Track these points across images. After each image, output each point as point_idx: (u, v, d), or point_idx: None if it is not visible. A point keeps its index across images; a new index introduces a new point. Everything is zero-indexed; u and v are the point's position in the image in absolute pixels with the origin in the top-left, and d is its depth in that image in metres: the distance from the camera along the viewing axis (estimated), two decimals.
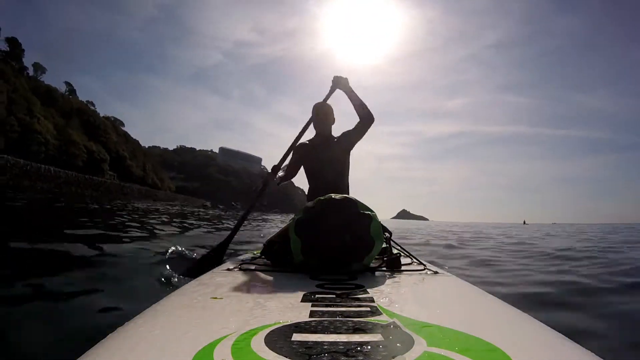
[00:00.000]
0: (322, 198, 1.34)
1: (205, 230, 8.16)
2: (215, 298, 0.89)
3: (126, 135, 62.23)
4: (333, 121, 2.23)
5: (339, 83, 2.19)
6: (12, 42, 47.20)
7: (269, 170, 2.26)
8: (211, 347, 0.56)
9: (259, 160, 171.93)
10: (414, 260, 1.55)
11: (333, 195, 1.34)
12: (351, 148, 2.22)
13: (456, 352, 0.55)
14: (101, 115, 56.79)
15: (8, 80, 36.28)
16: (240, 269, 1.34)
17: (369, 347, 0.56)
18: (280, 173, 2.25)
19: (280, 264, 1.41)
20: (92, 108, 56.72)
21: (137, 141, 66.95)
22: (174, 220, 10.26)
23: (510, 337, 0.66)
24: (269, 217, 22.12)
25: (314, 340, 0.59)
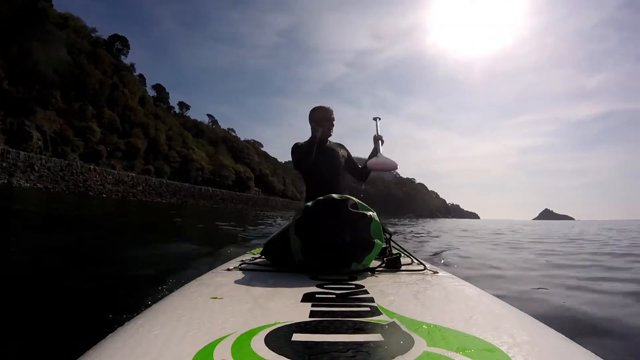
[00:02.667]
0: (322, 198, 1.34)
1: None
2: (215, 298, 0.89)
3: (266, 154, 72.08)
4: (332, 126, 2.24)
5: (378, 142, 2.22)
6: (158, 87, 56.51)
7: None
8: (211, 347, 0.56)
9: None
10: (414, 260, 1.55)
11: (333, 195, 1.34)
12: (344, 166, 2.28)
13: (456, 352, 0.55)
14: (242, 139, 66.52)
15: (164, 120, 46.69)
16: (240, 269, 1.34)
17: (369, 347, 0.56)
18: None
19: (280, 264, 1.41)
20: (234, 134, 67.06)
21: (275, 158, 76.43)
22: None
23: (510, 337, 0.66)
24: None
25: (314, 340, 0.59)
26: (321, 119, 2.19)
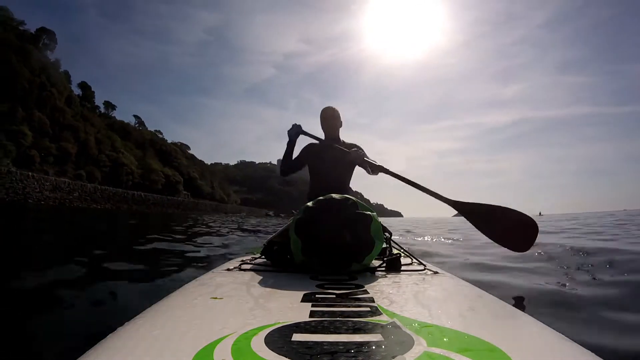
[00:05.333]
0: (322, 198, 1.34)
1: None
2: (215, 298, 0.89)
3: (193, 157, 70.82)
4: (340, 124, 2.30)
5: (356, 159, 2.12)
6: (83, 86, 53.74)
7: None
8: (211, 347, 0.56)
9: None
10: (414, 260, 1.55)
11: (333, 195, 1.34)
12: (354, 166, 2.27)
13: (456, 352, 0.54)
14: (169, 141, 65.13)
15: (93, 122, 44.96)
16: (240, 269, 1.34)
17: (369, 347, 0.56)
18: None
19: (280, 264, 1.41)
20: (161, 136, 65.15)
21: (203, 161, 75.26)
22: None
23: (510, 337, 0.66)
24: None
25: (314, 340, 0.59)
26: (323, 118, 2.25)
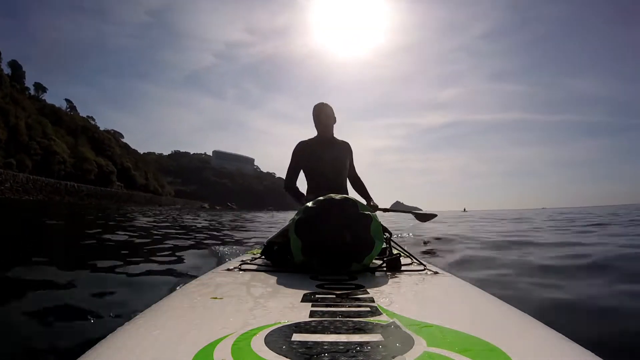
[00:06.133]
0: (322, 198, 1.34)
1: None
2: (215, 298, 0.89)
3: (127, 146, 66.36)
4: (334, 121, 2.22)
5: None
6: (13, 65, 49.14)
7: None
8: (211, 347, 0.56)
9: (252, 161, 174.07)
10: (414, 260, 1.55)
11: (333, 196, 1.34)
12: (348, 165, 2.27)
13: (456, 352, 0.54)
14: (102, 128, 60.76)
15: (23, 106, 41.16)
16: (240, 269, 1.34)
17: (369, 347, 0.56)
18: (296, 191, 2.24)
19: (280, 264, 1.41)
20: (93, 122, 60.64)
21: (136, 150, 70.81)
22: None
23: (510, 337, 0.66)
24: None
25: (314, 340, 0.59)
26: (317, 115, 2.17)
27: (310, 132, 2.26)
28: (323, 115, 2.16)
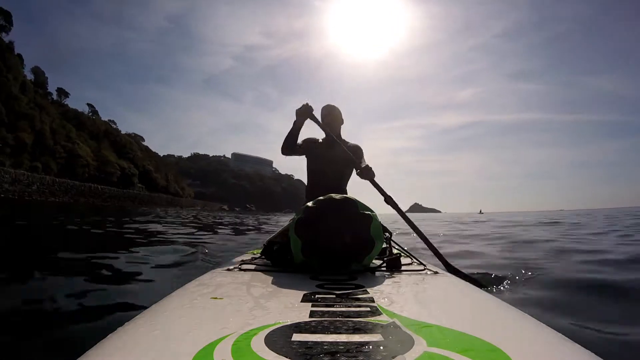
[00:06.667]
0: (322, 198, 1.34)
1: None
2: (215, 298, 0.89)
3: (147, 149, 67.28)
4: (342, 122, 2.28)
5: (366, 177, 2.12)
6: (36, 71, 49.59)
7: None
8: (211, 347, 0.56)
9: (270, 162, 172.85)
10: (414, 260, 1.55)
11: (333, 195, 1.34)
12: (352, 167, 2.25)
13: (456, 352, 0.54)
14: (123, 132, 61.37)
15: (48, 111, 42.08)
16: (240, 269, 1.34)
17: (369, 347, 0.56)
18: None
19: (280, 264, 1.41)
20: (115, 126, 61.10)
21: (157, 153, 71.69)
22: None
23: (510, 337, 0.65)
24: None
25: (314, 340, 0.59)
26: (324, 116, 2.23)
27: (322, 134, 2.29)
28: (330, 117, 2.22)
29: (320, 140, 2.27)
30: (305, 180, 2.36)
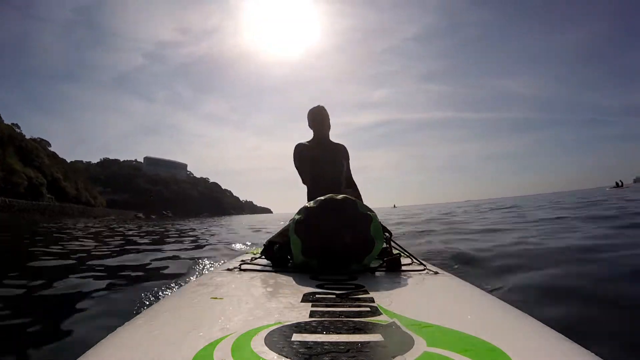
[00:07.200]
0: (322, 198, 1.34)
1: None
2: (215, 298, 0.89)
3: (55, 155, 60.07)
4: (329, 126, 2.27)
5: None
6: None
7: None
8: (211, 347, 0.56)
9: (185, 166, 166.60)
10: (414, 260, 1.54)
11: (333, 196, 1.34)
12: (345, 167, 2.29)
13: (456, 352, 0.54)
14: (28, 136, 54.30)
15: None
16: (240, 269, 1.34)
17: (369, 347, 0.56)
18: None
19: (280, 264, 1.41)
20: (19, 131, 53.69)
21: (65, 159, 64.58)
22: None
23: (510, 337, 0.65)
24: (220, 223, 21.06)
25: (314, 340, 0.59)
26: (313, 118, 2.23)
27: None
28: (321, 118, 2.21)
29: (308, 143, 2.25)
30: (301, 181, 2.34)
